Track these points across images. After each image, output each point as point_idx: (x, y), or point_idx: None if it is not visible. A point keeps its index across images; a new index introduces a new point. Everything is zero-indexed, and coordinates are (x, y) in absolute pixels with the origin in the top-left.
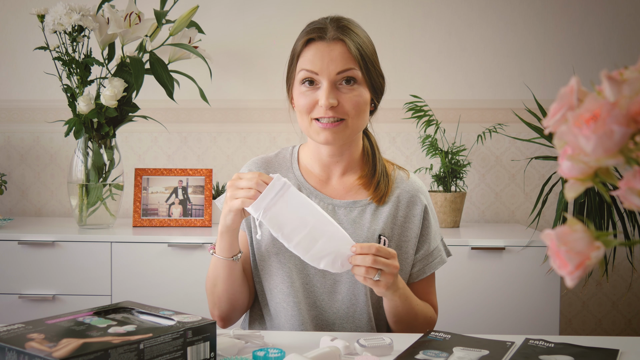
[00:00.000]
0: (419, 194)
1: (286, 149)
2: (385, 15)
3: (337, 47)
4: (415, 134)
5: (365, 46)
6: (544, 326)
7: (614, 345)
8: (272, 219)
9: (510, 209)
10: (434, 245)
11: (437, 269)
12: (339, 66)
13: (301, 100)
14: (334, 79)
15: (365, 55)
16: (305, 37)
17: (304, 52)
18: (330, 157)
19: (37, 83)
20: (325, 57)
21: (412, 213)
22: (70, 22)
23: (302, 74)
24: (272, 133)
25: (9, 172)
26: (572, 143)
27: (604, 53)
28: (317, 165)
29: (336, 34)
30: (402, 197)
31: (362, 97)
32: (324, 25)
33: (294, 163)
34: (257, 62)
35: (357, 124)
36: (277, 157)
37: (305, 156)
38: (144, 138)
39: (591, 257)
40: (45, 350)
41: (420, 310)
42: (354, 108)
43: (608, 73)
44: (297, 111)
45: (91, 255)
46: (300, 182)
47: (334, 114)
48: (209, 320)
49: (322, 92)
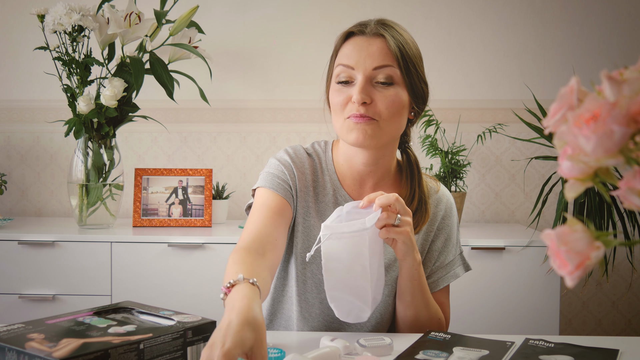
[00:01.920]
0: (450, 209)
1: (319, 144)
2: (385, 15)
3: (376, 42)
4: (415, 134)
5: (408, 46)
6: (544, 326)
7: (614, 345)
8: (329, 247)
9: (510, 209)
10: (450, 258)
11: (450, 282)
12: (375, 61)
13: (335, 97)
14: (370, 75)
15: (406, 54)
16: (345, 32)
17: (343, 47)
18: (364, 165)
19: (37, 83)
20: (363, 51)
21: (442, 227)
22: (70, 22)
23: (339, 70)
24: (272, 133)
25: (9, 172)
26: (572, 143)
27: (604, 53)
28: (349, 173)
29: (376, 29)
30: (435, 212)
31: (398, 98)
32: (367, 22)
33: (329, 165)
34: (257, 62)
35: (391, 127)
36: (315, 154)
37: (337, 160)
38: (144, 138)
39: (591, 257)
40: (45, 350)
41: (432, 302)
42: (388, 108)
43: (608, 73)
44: (332, 110)
45: (91, 255)
46: (336, 188)
47: (366, 112)
48: (209, 320)
49: (356, 87)
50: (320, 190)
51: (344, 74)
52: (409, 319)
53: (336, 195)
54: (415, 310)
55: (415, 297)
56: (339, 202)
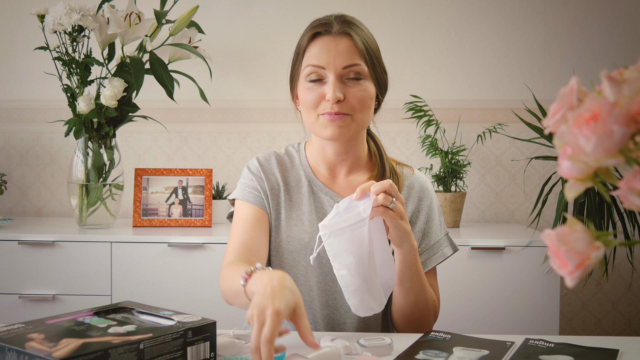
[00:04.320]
0: (425, 190)
1: (292, 145)
2: (386, 15)
3: (343, 40)
4: (415, 134)
5: (370, 41)
6: (544, 326)
7: (614, 345)
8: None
9: (510, 209)
10: (436, 239)
11: (438, 262)
12: (345, 60)
13: (307, 95)
14: (341, 73)
15: (371, 49)
16: (310, 32)
17: (310, 47)
18: (335, 155)
19: (37, 83)
20: (332, 50)
21: (419, 208)
22: (70, 22)
23: (308, 70)
24: (272, 133)
25: (9, 172)
26: (572, 143)
27: (604, 53)
28: (322, 164)
29: (342, 28)
30: (409, 194)
31: (368, 92)
32: (328, 20)
33: (303, 160)
34: (257, 62)
35: (362, 119)
36: (286, 154)
37: (311, 155)
38: (144, 138)
39: (591, 257)
40: (45, 350)
41: (428, 286)
42: (360, 103)
43: (608, 73)
44: (303, 107)
45: (91, 255)
46: (311, 179)
47: (340, 108)
48: (209, 320)
49: (329, 86)
50: (293, 185)
51: (314, 74)
52: (409, 304)
53: (311, 186)
54: (415, 295)
55: (414, 283)
56: (315, 192)
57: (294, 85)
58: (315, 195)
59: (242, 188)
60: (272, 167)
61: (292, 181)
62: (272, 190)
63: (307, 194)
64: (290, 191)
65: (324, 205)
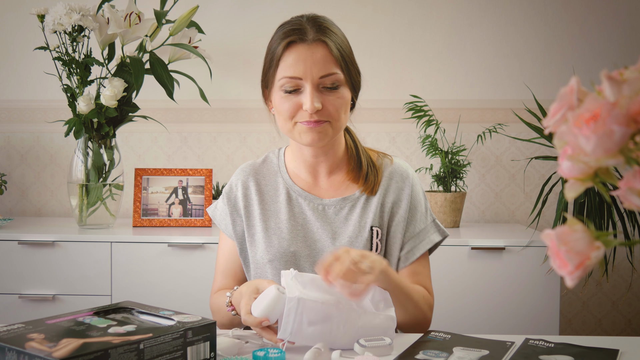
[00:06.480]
0: (405, 177)
1: (273, 152)
2: (386, 15)
3: (318, 49)
4: (415, 134)
5: (345, 45)
6: (544, 326)
7: (614, 345)
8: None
9: (510, 209)
10: (422, 226)
11: (426, 249)
12: (322, 70)
13: (284, 104)
14: (317, 82)
15: (346, 55)
16: (285, 40)
17: (285, 56)
18: (314, 157)
19: (37, 83)
20: (308, 60)
21: (400, 197)
22: (70, 22)
23: (284, 81)
24: (272, 133)
25: (9, 172)
26: (572, 143)
27: (604, 53)
28: (302, 168)
29: (317, 36)
30: (389, 183)
31: (345, 99)
32: (301, 26)
33: (282, 167)
34: (257, 62)
35: (340, 123)
36: (264, 163)
37: (291, 160)
38: (144, 138)
39: (591, 257)
40: (45, 350)
41: (414, 293)
42: (337, 109)
43: (608, 73)
44: (279, 115)
45: (91, 255)
46: (289, 186)
47: (319, 117)
48: (209, 320)
49: (306, 96)
50: (271, 194)
51: (289, 84)
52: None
53: (289, 192)
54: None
55: (399, 299)
56: (294, 199)
57: (268, 91)
58: (294, 202)
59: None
60: (248, 181)
61: (269, 190)
62: (246, 209)
63: (284, 202)
64: (267, 201)
65: (303, 210)
